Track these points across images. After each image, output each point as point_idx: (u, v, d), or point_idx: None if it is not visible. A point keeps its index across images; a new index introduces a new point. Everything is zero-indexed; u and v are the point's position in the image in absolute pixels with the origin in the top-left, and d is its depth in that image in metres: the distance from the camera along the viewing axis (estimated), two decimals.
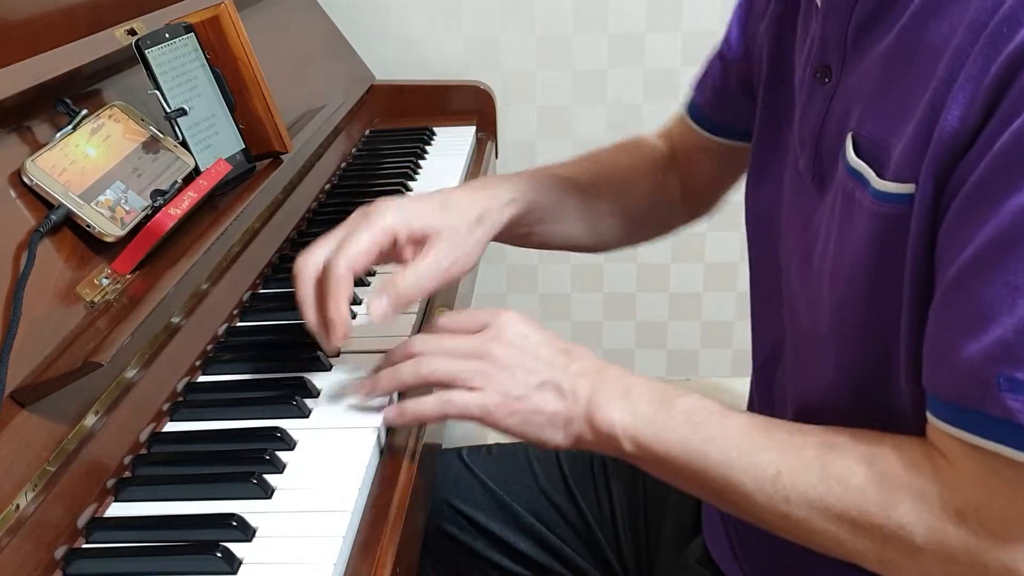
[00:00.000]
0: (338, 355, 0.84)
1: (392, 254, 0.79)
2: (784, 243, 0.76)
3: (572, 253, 1.81)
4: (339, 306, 0.72)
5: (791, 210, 0.74)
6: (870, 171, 0.62)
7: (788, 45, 0.76)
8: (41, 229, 0.73)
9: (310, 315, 0.74)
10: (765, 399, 0.82)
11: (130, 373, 0.75)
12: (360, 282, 0.99)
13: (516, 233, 0.89)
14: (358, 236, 0.75)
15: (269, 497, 0.67)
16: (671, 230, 1.05)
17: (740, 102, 0.88)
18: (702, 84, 0.94)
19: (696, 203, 1.02)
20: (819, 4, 0.69)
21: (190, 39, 0.95)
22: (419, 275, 0.76)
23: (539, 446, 0.70)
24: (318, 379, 0.81)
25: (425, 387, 0.72)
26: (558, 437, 0.70)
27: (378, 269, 0.99)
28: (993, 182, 0.54)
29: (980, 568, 0.57)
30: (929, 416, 0.60)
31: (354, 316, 0.87)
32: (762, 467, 0.64)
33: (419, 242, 0.78)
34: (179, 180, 0.88)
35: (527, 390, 0.69)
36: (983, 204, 0.54)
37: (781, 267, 0.77)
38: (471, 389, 0.69)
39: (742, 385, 0.92)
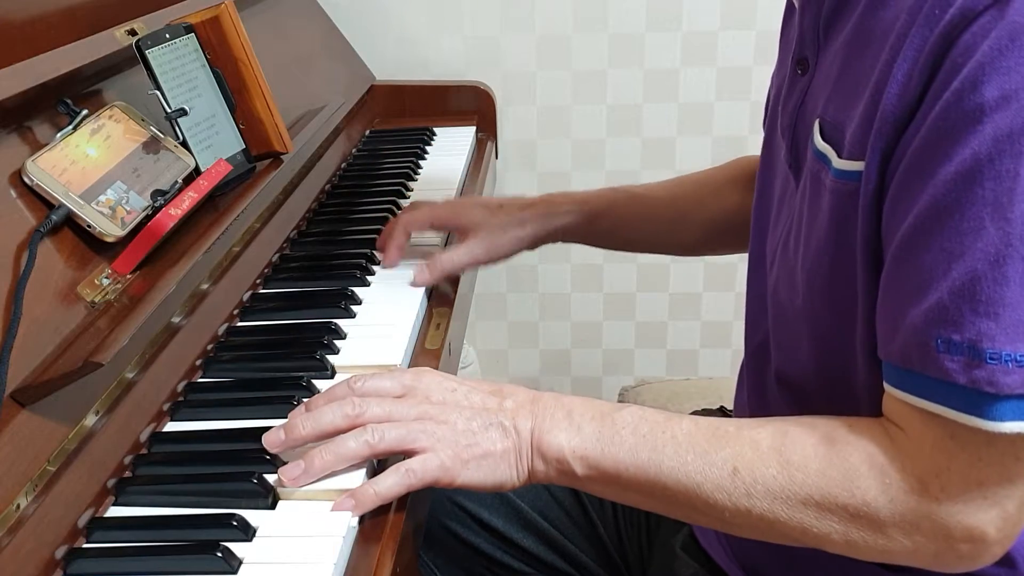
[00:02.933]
0: (333, 374, 0.84)
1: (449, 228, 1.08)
2: (772, 232, 0.78)
3: (572, 252, 1.82)
4: (392, 246, 1.03)
5: (780, 201, 0.77)
6: (832, 152, 0.66)
7: (788, 46, 0.78)
8: (42, 229, 0.73)
9: (380, 242, 1.07)
10: (756, 384, 0.84)
11: (130, 373, 0.75)
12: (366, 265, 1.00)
13: (587, 239, 1.06)
14: (422, 208, 1.06)
15: (269, 497, 0.67)
16: None
17: None
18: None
19: None
20: (796, 3, 0.73)
21: (190, 39, 0.95)
22: (452, 257, 1.00)
23: (498, 490, 0.70)
24: (318, 379, 0.81)
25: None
26: (512, 475, 0.69)
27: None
28: (928, 152, 0.57)
29: (943, 533, 0.59)
30: (885, 386, 0.62)
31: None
32: (718, 466, 0.64)
33: (464, 232, 1.02)
34: (179, 180, 0.88)
35: (473, 437, 0.68)
36: (920, 174, 0.58)
37: (767, 256, 0.79)
38: (421, 452, 0.67)
39: None
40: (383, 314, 0.94)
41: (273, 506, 0.67)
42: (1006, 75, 0.54)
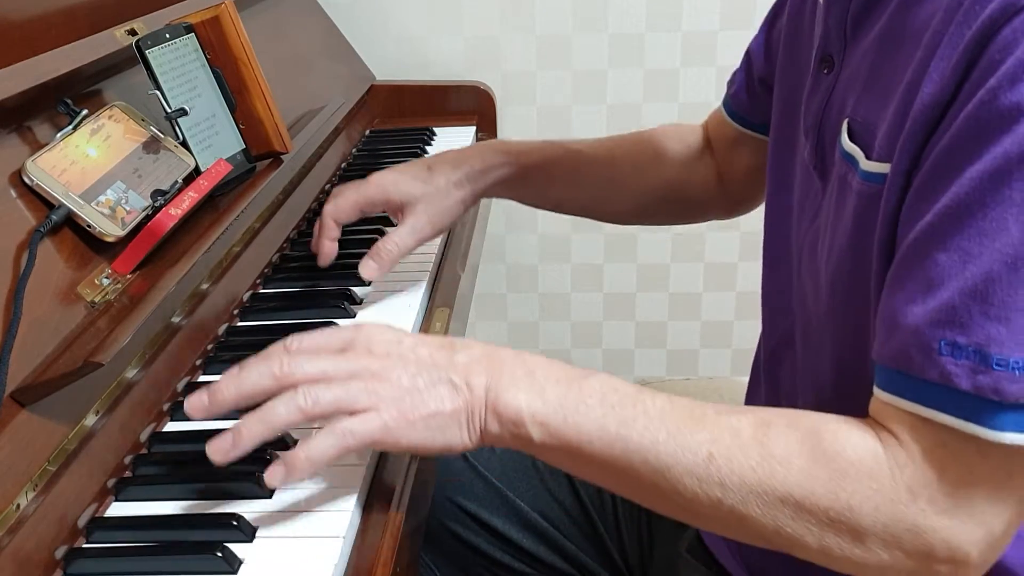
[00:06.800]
0: None
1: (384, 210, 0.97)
2: (796, 232, 0.77)
3: (572, 252, 1.82)
4: (322, 241, 0.96)
5: (802, 201, 0.76)
6: (860, 153, 0.64)
7: (804, 40, 0.77)
8: (42, 229, 0.73)
9: (313, 244, 0.98)
10: (771, 389, 0.82)
11: (130, 373, 0.75)
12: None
13: (520, 195, 1.01)
14: (346, 195, 0.95)
15: (270, 497, 0.67)
16: (707, 216, 1.09)
17: (764, 101, 0.90)
18: (734, 80, 0.98)
19: (736, 196, 1.05)
20: (821, 0, 0.71)
21: (190, 39, 0.95)
22: (396, 241, 0.93)
23: (447, 452, 0.64)
24: None
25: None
26: (464, 436, 0.63)
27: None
28: (956, 150, 0.54)
29: (925, 551, 0.56)
30: (875, 389, 0.59)
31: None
32: (692, 449, 0.59)
33: (400, 209, 0.95)
34: (179, 180, 0.88)
35: (419, 395, 0.62)
36: (947, 173, 0.55)
37: (792, 257, 0.78)
38: (361, 412, 0.61)
39: (742, 385, 0.92)
40: (383, 314, 0.94)
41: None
42: None
